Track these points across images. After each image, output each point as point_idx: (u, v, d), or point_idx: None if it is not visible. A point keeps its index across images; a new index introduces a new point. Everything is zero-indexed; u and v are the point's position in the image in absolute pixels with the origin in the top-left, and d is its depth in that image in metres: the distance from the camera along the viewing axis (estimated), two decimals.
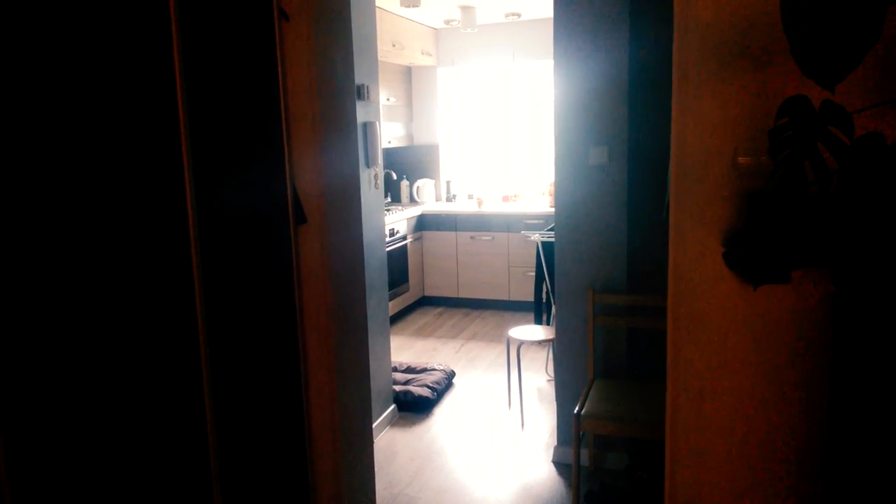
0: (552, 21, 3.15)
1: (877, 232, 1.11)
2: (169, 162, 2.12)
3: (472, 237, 6.23)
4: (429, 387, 4.22)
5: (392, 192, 6.77)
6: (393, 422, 3.96)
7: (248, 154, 2.14)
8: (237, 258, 2.20)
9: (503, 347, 5.12)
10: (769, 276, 1.43)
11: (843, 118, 1.15)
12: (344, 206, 2.26)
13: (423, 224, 6.37)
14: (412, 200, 6.72)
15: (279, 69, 2.03)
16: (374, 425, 3.68)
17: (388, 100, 6.19)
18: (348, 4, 2.25)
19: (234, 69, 2.11)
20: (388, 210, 5.96)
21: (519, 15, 5.99)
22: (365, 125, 3.57)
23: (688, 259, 1.58)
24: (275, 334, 2.20)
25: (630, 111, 3.04)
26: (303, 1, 2.00)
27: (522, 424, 3.89)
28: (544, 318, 4.71)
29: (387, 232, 5.64)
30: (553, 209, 3.30)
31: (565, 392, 3.38)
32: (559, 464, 3.41)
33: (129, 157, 2.17)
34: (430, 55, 6.47)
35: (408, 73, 6.69)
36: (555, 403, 3.49)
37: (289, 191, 2.09)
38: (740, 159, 1.51)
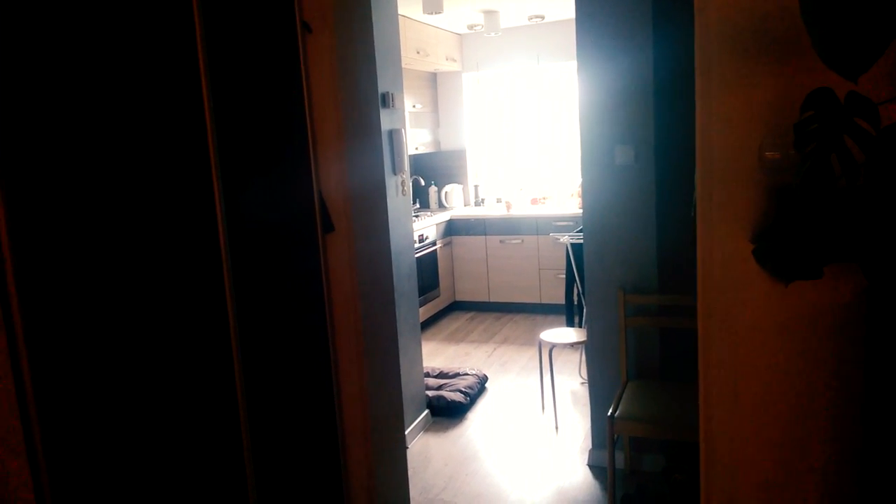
0: None
1: None
2: (199, 176, 2.16)
3: (501, 241, 6.23)
4: (461, 391, 4.23)
5: (420, 198, 6.80)
6: (426, 427, 3.97)
7: (274, 165, 2.18)
8: (267, 267, 2.23)
9: (535, 351, 5.10)
10: (800, 271, 1.41)
11: (869, 109, 1.13)
12: (370, 214, 2.28)
13: (452, 229, 6.39)
14: (441, 206, 6.74)
15: (303, 80, 2.06)
16: (407, 431, 3.70)
17: (414, 106, 6.23)
18: (370, 15, 2.27)
19: (259, 81, 2.14)
20: (416, 216, 5.99)
21: (542, 17, 5.98)
22: (391, 132, 3.59)
23: (717, 257, 1.56)
24: (305, 342, 2.23)
25: (656, 110, 3.02)
26: (325, 13, 2.03)
27: (557, 428, 3.87)
28: (576, 320, 4.68)
29: (416, 238, 5.66)
30: (582, 210, 3.29)
31: (599, 394, 3.35)
32: (595, 467, 3.39)
33: (161, 173, 2.22)
34: (455, 61, 6.49)
35: (433, 79, 6.73)
36: (589, 406, 3.46)
37: (316, 200, 2.11)
38: (767, 154, 1.49)
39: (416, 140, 6.27)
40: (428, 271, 5.95)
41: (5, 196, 2.10)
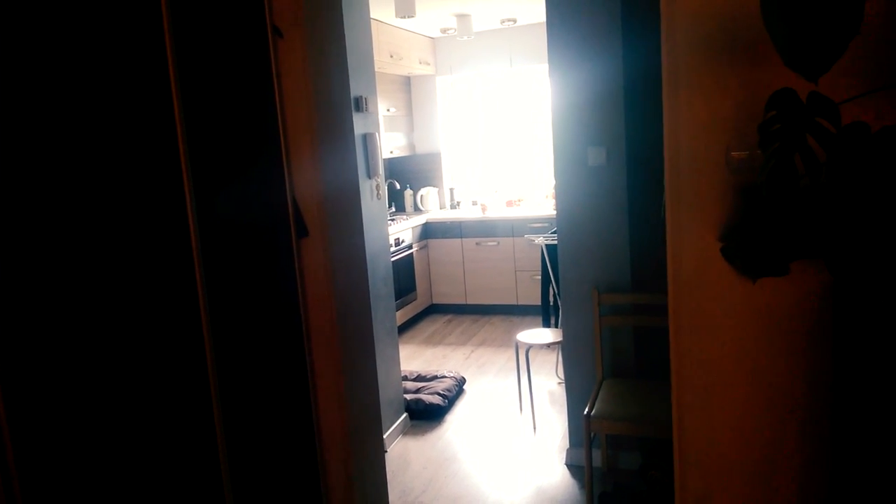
0: None
1: (866, 219, 1.12)
2: (169, 182, 2.14)
3: (477, 243, 6.25)
4: (440, 394, 4.23)
5: (396, 201, 6.79)
6: (405, 430, 3.96)
7: (247, 170, 2.17)
8: (241, 272, 2.22)
9: (513, 352, 5.12)
10: (767, 268, 1.44)
11: (829, 109, 1.15)
12: (345, 218, 2.28)
13: (428, 232, 6.39)
14: (416, 209, 6.74)
15: (275, 85, 2.06)
16: (386, 434, 3.69)
17: (388, 110, 6.23)
18: (341, 19, 2.27)
19: (230, 86, 2.13)
20: (392, 220, 5.98)
21: (515, 20, 6.02)
22: (365, 136, 3.59)
23: (686, 255, 1.59)
24: (281, 347, 2.22)
25: (626, 111, 3.06)
26: (296, 18, 2.02)
27: (535, 428, 3.89)
28: (552, 320, 4.71)
29: (392, 241, 5.66)
30: (556, 212, 3.31)
31: (575, 394, 3.38)
32: (572, 466, 3.41)
33: (131, 178, 2.20)
34: (429, 64, 6.50)
35: (407, 82, 6.73)
36: (566, 406, 3.49)
37: (289, 204, 2.11)
38: (733, 154, 1.52)
39: (390, 144, 6.26)
40: (405, 275, 5.95)
41: None
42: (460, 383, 4.52)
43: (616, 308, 3.18)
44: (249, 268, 2.22)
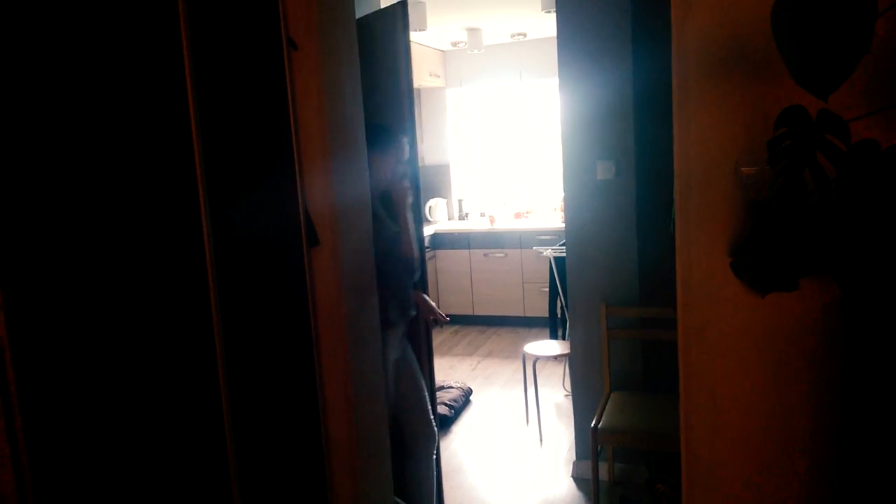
0: None
1: (876, 236, 1.13)
2: (185, 193, 2.17)
3: (485, 254, 6.26)
4: (446, 405, 4.23)
5: None
6: None
7: (261, 180, 2.19)
8: (253, 280, 2.24)
9: (520, 363, 5.12)
10: (776, 283, 1.44)
11: (839, 126, 1.17)
12: (355, 228, 2.29)
13: (436, 243, 6.41)
14: (425, 220, 6.76)
15: (289, 96, 2.08)
16: None
17: None
18: (355, 32, 2.30)
19: (246, 98, 2.16)
20: None
21: (525, 35, 6.06)
22: None
23: (695, 270, 1.59)
24: (291, 355, 2.23)
25: (636, 126, 3.07)
26: (310, 30, 2.05)
27: (541, 440, 3.88)
28: (560, 332, 4.71)
29: None
30: (564, 224, 3.33)
31: (582, 406, 3.37)
32: (579, 479, 3.41)
33: (147, 186, 2.22)
34: (439, 77, 6.54)
35: (417, 94, 6.77)
36: (573, 418, 3.49)
37: (301, 214, 2.13)
38: (743, 169, 1.53)
39: None
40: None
41: None
42: (467, 394, 4.53)
43: (624, 321, 3.18)
44: (261, 275, 2.24)
